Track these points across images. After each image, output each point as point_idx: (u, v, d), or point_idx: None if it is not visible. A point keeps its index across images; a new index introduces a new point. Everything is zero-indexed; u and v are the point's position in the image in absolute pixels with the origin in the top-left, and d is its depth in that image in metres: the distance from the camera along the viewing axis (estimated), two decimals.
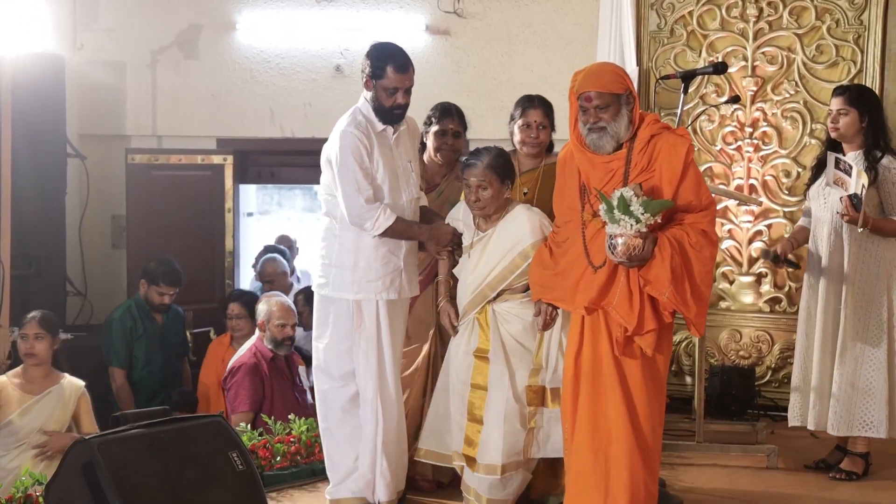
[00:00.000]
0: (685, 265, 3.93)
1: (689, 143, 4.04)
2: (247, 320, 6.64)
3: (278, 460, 5.05)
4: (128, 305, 6.91)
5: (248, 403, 5.82)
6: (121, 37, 8.04)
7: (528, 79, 7.54)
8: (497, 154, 4.43)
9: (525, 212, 4.43)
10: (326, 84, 7.97)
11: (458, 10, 7.70)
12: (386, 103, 4.39)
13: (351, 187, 4.33)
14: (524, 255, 4.34)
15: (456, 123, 5.01)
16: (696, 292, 3.95)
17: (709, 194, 4.05)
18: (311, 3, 7.94)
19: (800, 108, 6.54)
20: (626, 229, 3.85)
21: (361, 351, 4.47)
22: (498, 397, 4.35)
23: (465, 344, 4.48)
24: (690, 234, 3.96)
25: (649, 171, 4.01)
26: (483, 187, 4.35)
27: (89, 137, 7.96)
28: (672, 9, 6.83)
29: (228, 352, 6.60)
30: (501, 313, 4.41)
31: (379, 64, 4.39)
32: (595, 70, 4.13)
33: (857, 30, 6.41)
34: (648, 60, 6.87)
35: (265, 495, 4.14)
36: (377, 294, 4.44)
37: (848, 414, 5.04)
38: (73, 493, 3.81)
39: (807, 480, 5.11)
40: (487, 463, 4.35)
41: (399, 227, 4.36)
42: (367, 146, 4.36)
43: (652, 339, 3.99)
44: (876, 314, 5.06)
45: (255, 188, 9.08)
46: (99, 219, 8.09)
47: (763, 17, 6.61)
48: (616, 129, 4.01)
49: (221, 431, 4.19)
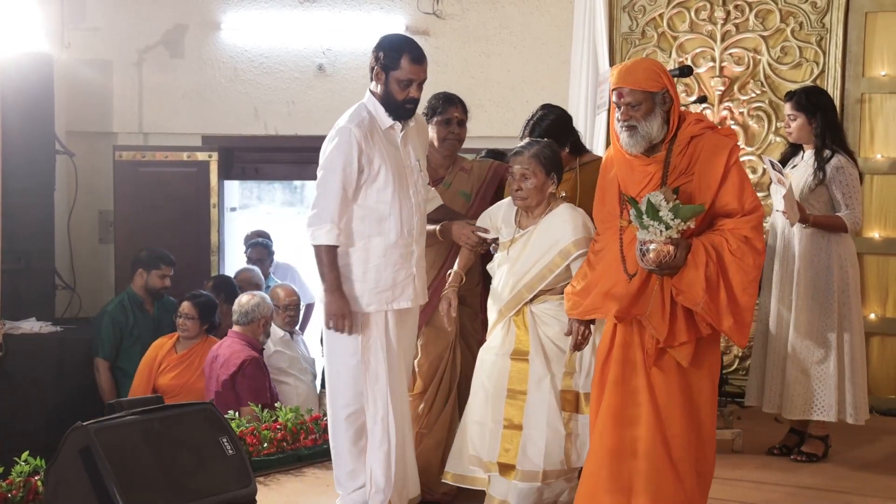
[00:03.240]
0: (722, 274, 3.67)
1: (733, 143, 3.79)
2: (195, 322, 6.50)
3: (265, 446, 5.21)
4: (120, 299, 7.04)
5: (267, 394, 5.95)
6: (108, 36, 8.11)
7: (504, 78, 7.73)
8: (545, 145, 4.28)
9: (569, 210, 4.26)
10: (309, 83, 8.09)
11: (437, 11, 7.84)
12: (398, 96, 4.16)
13: (325, 187, 4.14)
14: (564, 253, 4.18)
15: (460, 111, 4.79)
16: (734, 303, 3.67)
17: (754, 198, 3.75)
18: (294, 4, 8.05)
19: (765, 107, 6.77)
20: (656, 235, 3.62)
21: (370, 368, 4.25)
22: (539, 400, 4.17)
23: (500, 346, 4.29)
24: (731, 240, 3.68)
25: (689, 174, 3.76)
26: (526, 176, 4.20)
27: (77, 134, 8.04)
28: (643, 11, 7.05)
29: (169, 356, 6.52)
30: (539, 315, 4.25)
31: (393, 54, 4.14)
32: (630, 66, 3.86)
33: (820, 32, 6.65)
34: (621, 61, 7.04)
35: (254, 479, 4.29)
36: (388, 304, 4.22)
37: (802, 399, 5.25)
38: (71, 477, 3.95)
39: (770, 463, 5.30)
40: (528, 469, 4.15)
41: (329, 255, 4.14)
42: (366, 148, 4.12)
43: (687, 352, 3.74)
44: (827, 304, 5.24)
45: (236, 183, 9.20)
46: (87, 214, 8.17)
47: (730, 20, 6.85)
48: (647, 128, 3.75)
49: (212, 418, 4.34)
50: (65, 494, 4.00)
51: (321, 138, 8.16)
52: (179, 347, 6.56)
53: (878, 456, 5.50)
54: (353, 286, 4.21)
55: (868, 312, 6.53)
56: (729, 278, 3.67)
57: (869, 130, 6.66)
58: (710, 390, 3.84)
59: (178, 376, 6.45)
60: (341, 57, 8.05)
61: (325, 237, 4.12)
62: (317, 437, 5.40)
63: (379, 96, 4.20)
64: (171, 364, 6.50)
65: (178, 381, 6.42)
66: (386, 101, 4.19)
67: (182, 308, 6.54)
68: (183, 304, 6.56)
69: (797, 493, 4.85)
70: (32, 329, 6.98)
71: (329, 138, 4.20)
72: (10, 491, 4.38)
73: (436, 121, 4.73)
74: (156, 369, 6.48)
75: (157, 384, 6.43)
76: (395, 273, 4.21)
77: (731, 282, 3.67)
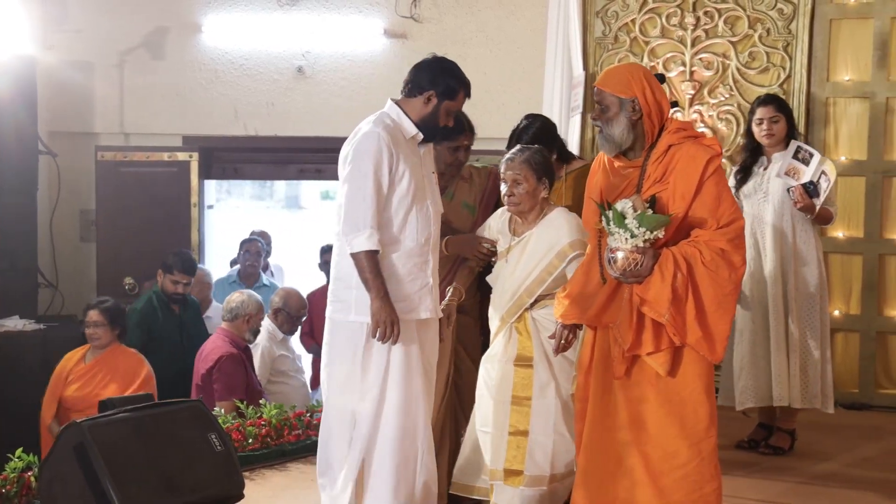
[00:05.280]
0: (693, 286, 3.58)
1: (712, 154, 3.69)
2: (106, 329, 6.16)
3: (250, 442, 5.33)
4: (148, 297, 6.93)
5: (241, 391, 6.00)
6: (89, 38, 8.19)
7: (480, 80, 7.64)
8: (536, 151, 4.29)
9: (563, 213, 4.28)
10: (289, 85, 8.22)
11: (414, 14, 7.98)
12: (441, 122, 4.12)
13: (358, 192, 3.97)
14: (561, 255, 4.20)
15: (469, 138, 4.66)
16: (703, 316, 3.59)
17: (732, 211, 3.67)
18: (274, 7, 8.17)
19: (734, 110, 6.95)
20: (621, 243, 3.59)
21: (389, 379, 4.05)
22: (544, 406, 4.18)
23: (503, 353, 4.28)
24: (705, 252, 3.59)
25: (663, 183, 3.70)
26: (518, 182, 4.21)
27: (60, 135, 8.13)
28: (616, 17, 7.21)
29: (77, 366, 6.17)
30: (540, 320, 4.25)
31: (455, 86, 4.10)
32: (611, 69, 3.92)
33: (786, 38, 6.84)
34: (594, 65, 7.23)
35: (242, 474, 4.41)
36: (405, 315, 4.02)
37: (787, 387, 5.35)
38: (65, 473, 4.03)
39: (738, 457, 5.43)
40: (535, 474, 4.15)
41: (371, 261, 3.94)
42: (395, 153, 3.99)
43: (663, 361, 3.64)
44: (813, 298, 5.41)
45: None
46: (69, 213, 8.26)
47: (700, 26, 7.02)
48: (610, 131, 3.76)
49: (201, 415, 4.44)
50: (59, 490, 4.08)
51: (300, 139, 8.43)
52: (88, 357, 6.21)
53: (841, 448, 5.68)
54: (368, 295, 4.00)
55: (832, 309, 6.73)
56: (700, 291, 3.60)
57: (833, 133, 6.86)
58: (700, 402, 3.66)
59: (81, 388, 6.10)
60: (320, 59, 8.18)
61: (367, 243, 3.93)
62: (300, 432, 5.54)
63: (418, 115, 4.10)
64: (77, 375, 6.15)
65: (80, 393, 6.06)
66: (425, 122, 4.10)
67: (89, 316, 6.20)
68: (89, 312, 6.23)
69: (765, 485, 4.99)
70: (16, 327, 7.10)
71: (353, 145, 4.04)
72: (3, 486, 4.48)
73: (445, 145, 4.55)
74: (63, 381, 6.13)
75: (63, 397, 6.09)
76: (410, 282, 4.07)
77: (702, 295, 3.60)
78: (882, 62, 6.72)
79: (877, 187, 6.76)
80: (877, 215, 6.78)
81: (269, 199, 24.43)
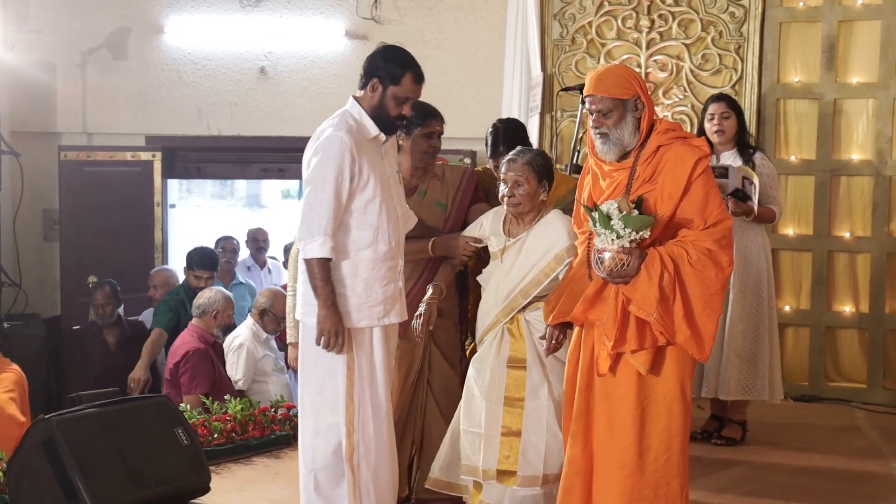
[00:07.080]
0: (680, 286, 3.60)
1: (700, 155, 3.70)
2: None
3: (216, 437, 5.39)
4: (177, 291, 7.16)
5: (206, 385, 6.08)
6: (51, 38, 8.21)
7: (441, 81, 7.88)
8: (538, 153, 4.29)
9: (560, 216, 4.26)
10: (251, 85, 8.27)
11: (375, 16, 8.04)
12: (392, 112, 3.99)
13: (316, 198, 3.90)
14: (559, 258, 4.18)
15: (440, 124, 4.62)
16: (691, 315, 3.61)
17: (720, 211, 3.69)
18: (237, 8, 8.21)
19: (688, 111, 7.13)
20: (607, 244, 3.60)
21: (356, 386, 4.02)
22: (537, 407, 4.19)
23: (495, 355, 4.27)
24: (692, 251, 3.62)
25: (652, 183, 3.71)
26: (520, 183, 4.19)
27: (22, 135, 8.13)
28: (573, 19, 7.35)
29: None
30: (533, 322, 4.25)
31: (397, 69, 3.96)
32: (602, 73, 3.81)
33: (738, 41, 7.02)
34: (552, 66, 7.37)
35: (208, 467, 4.52)
36: (379, 319, 4.01)
37: (735, 381, 5.51)
38: (34, 468, 4.11)
39: (691, 449, 5.48)
40: (528, 475, 4.15)
41: (322, 269, 3.90)
42: (357, 156, 3.90)
43: (644, 360, 3.67)
44: (760, 293, 5.55)
45: None
46: (32, 213, 8.28)
47: (655, 28, 7.19)
48: (618, 135, 3.73)
49: (167, 409, 4.56)
50: (28, 483, 4.17)
51: (262, 139, 8.49)
52: None
53: (792, 439, 5.84)
54: (345, 301, 3.97)
55: (783, 305, 6.92)
56: (687, 291, 3.61)
57: (784, 133, 7.05)
58: (676, 400, 3.71)
59: None
60: (282, 60, 8.25)
61: (319, 250, 3.88)
62: (265, 427, 5.62)
63: (368, 106, 4.01)
64: None
65: None
66: (377, 114, 4.00)
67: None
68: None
69: (718, 475, 5.12)
70: None
71: (316, 148, 3.95)
72: None
73: (416, 133, 4.54)
74: None
75: None
76: (384, 287, 4.02)
77: (689, 294, 3.62)
78: (830, 64, 6.91)
79: (825, 186, 6.95)
80: (825, 213, 6.96)
81: (231, 197, 24.28)
